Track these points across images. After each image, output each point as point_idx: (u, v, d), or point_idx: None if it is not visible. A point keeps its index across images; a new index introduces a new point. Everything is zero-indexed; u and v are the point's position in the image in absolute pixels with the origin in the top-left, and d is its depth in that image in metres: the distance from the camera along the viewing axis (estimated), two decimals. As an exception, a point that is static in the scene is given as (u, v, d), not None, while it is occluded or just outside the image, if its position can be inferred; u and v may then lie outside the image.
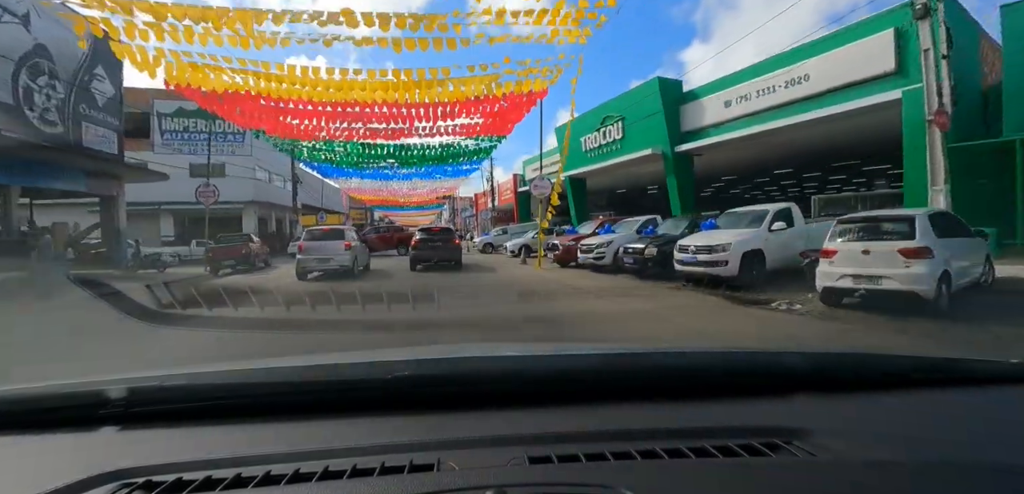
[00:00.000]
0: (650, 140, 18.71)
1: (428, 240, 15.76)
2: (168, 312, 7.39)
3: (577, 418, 0.90)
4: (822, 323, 6.27)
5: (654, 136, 18.63)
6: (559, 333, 5.80)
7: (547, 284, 11.19)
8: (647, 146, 18.72)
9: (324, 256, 13.38)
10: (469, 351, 1.37)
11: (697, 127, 17.82)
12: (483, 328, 6.32)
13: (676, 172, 18.21)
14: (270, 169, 31.07)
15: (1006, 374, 1.15)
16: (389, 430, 0.85)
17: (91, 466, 0.72)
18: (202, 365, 1.30)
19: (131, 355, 4.97)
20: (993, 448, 0.83)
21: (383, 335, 5.79)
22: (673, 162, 18.18)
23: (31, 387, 0.97)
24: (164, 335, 6.05)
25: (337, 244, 13.56)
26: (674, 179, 18.27)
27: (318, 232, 14.66)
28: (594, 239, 13.75)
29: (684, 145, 17.93)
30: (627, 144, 20.30)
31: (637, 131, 19.70)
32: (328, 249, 13.49)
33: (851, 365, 1.22)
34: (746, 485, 0.69)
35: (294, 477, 0.69)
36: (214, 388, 1.02)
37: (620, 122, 20.57)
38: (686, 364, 1.21)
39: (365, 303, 8.12)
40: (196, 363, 1.98)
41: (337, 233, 14.30)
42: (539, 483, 0.66)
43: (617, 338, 5.64)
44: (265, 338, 5.81)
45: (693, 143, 17.69)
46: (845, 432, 0.85)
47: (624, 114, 20.30)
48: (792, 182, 26.52)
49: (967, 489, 0.70)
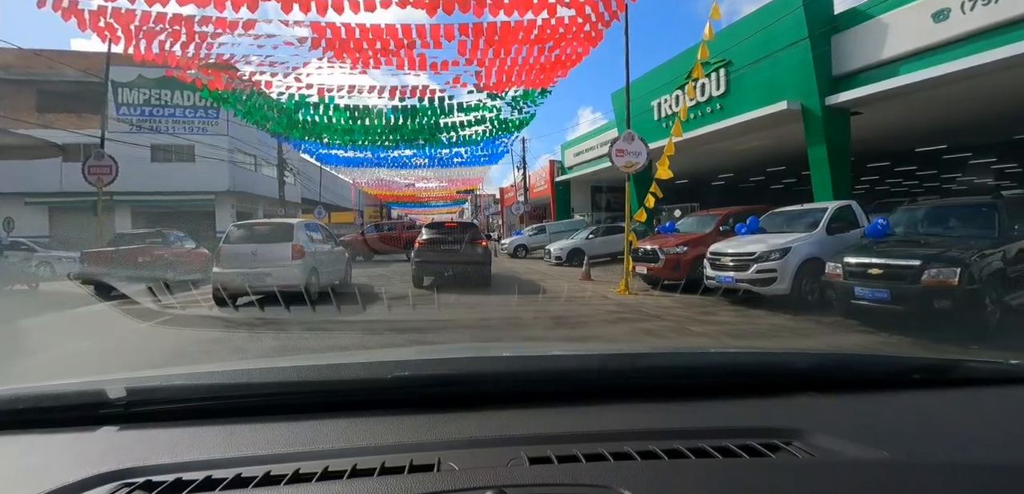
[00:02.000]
0: (778, 91, 12.23)
1: (440, 241, 9.74)
2: None
3: (576, 419, 0.89)
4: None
5: (787, 84, 12.15)
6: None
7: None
8: (771, 101, 12.26)
9: (255, 269, 7.90)
10: (469, 351, 1.53)
11: (863, 66, 11.26)
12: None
13: (827, 137, 11.64)
14: (257, 154, 25.51)
15: (1006, 375, 1.13)
16: (389, 430, 0.84)
17: (91, 466, 0.71)
18: (202, 365, 1.49)
19: None
20: (993, 449, 0.82)
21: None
22: (823, 122, 11.63)
23: (31, 387, 0.96)
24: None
25: (278, 250, 8.17)
26: (823, 148, 11.70)
27: (247, 230, 8.83)
28: (747, 243, 7.45)
29: (841, 94, 11.37)
30: (733, 102, 13.83)
31: (753, 81, 13.24)
32: (263, 258, 8.05)
33: (851, 366, 1.23)
34: (745, 486, 0.68)
35: (294, 477, 0.68)
36: (214, 388, 1.01)
37: (722, 70, 14.08)
38: (685, 364, 1.22)
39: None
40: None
41: (279, 232, 8.58)
42: (539, 483, 0.65)
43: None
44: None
45: (856, 91, 11.11)
46: (845, 433, 0.82)
47: (729, 58, 13.79)
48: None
49: (967, 490, 0.68)
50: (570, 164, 27.36)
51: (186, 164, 22.73)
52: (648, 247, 9.14)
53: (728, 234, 9.00)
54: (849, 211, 7.74)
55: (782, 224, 8.11)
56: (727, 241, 7.84)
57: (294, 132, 16.56)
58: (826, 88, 11.63)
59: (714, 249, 7.65)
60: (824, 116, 11.58)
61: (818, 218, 7.49)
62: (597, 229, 17.73)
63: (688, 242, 8.86)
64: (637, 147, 8.77)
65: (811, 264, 6.88)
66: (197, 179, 22.47)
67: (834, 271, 5.97)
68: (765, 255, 6.84)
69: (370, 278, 12.38)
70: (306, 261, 8.27)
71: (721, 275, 7.33)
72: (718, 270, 7.42)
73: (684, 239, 9.01)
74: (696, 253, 8.79)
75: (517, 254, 21.37)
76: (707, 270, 7.68)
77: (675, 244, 8.86)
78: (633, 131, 8.97)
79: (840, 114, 11.73)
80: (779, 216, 8.40)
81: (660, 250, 8.92)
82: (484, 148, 19.66)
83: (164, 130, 22.42)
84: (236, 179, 23.57)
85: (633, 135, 8.79)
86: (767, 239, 7.24)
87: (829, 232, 7.29)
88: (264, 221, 10.35)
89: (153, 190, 22.17)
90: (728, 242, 7.76)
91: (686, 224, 10.20)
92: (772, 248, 6.87)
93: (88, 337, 6.28)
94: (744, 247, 7.18)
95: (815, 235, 7.18)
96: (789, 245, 6.87)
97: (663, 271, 8.83)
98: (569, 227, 21.51)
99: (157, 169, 22.43)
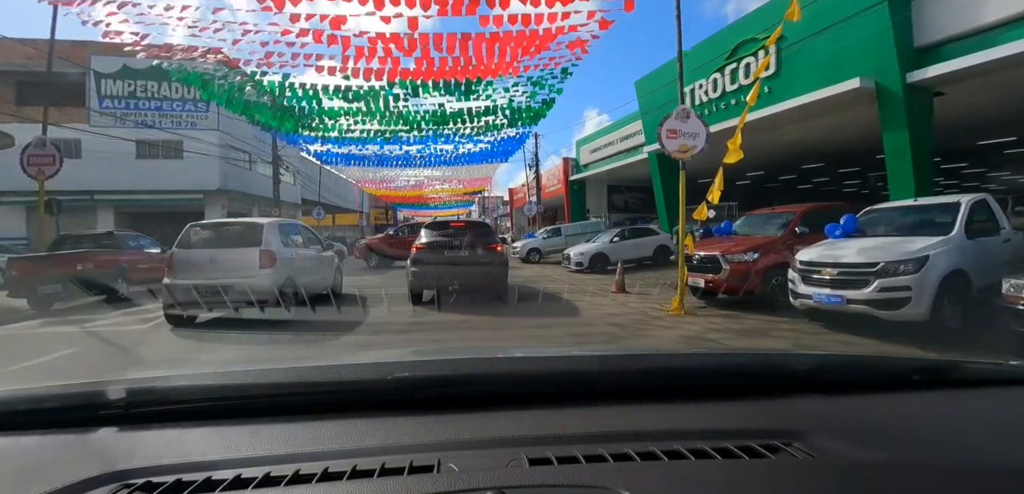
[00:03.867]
0: (845, 68, 10.35)
1: (444, 244, 7.88)
2: None
3: (576, 420, 0.88)
4: None
5: (856, 59, 10.25)
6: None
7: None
8: (836, 80, 10.39)
9: (213, 280, 6.34)
10: (469, 352, 1.45)
11: (951, 35, 9.36)
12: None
13: (909, 122, 9.72)
14: (251, 151, 23.90)
15: (1006, 376, 1.12)
16: (389, 431, 0.83)
17: (91, 466, 0.70)
18: (202, 366, 1.42)
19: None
20: (993, 450, 0.80)
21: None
22: (904, 103, 9.71)
23: (31, 387, 0.96)
24: None
25: (243, 255, 6.63)
26: (904, 135, 9.78)
27: (209, 231, 7.14)
28: (856, 250, 5.58)
29: (926, 70, 9.46)
30: (785, 84, 11.94)
31: (810, 58, 11.36)
32: (224, 265, 6.53)
33: (851, 367, 1.22)
34: (745, 486, 0.68)
35: (294, 478, 0.68)
36: (214, 389, 1.00)
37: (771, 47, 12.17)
38: (685, 365, 1.21)
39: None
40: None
41: (247, 234, 6.94)
42: (538, 484, 0.65)
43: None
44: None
45: (943, 66, 9.20)
46: (845, 434, 0.82)
47: (783, 33, 11.88)
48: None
49: (967, 491, 0.68)
50: (586, 161, 25.48)
51: (174, 161, 21.16)
52: (707, 254, 7.26)
53: (807, 238, 7.14)
54: (985, 208, 5.84)
55: (889, 225, 6.25)
56: (820, 247, 5.98)
57: (286, 123, 14.87)
58: (908, 62, 9.71)
59: (806, 258, 5.79)
60: (906, 96, 9.66)
61: (948, 218, 5.59)
62: (622, 231, 15.87)
63: (758, 247, 6.99)
64: (694, 126, 6.88)
65: (953, 278, 5.02)
66: (185, 177, 20.88)
67: (1015, 292, 4.10)
68: (892, 267, 4.96)
69: (374, 282, 10.69)
70: (278, 270, 6.74)
71: (820, 293, 5.46)
72: (814, 286, 5.55)
73: (753, 243, 7.13)
74: (769, 261, 6.93)
75: (530, 258, 19.55)
76: (796, 285, 5.82)
77: (742, 249, 6.99)
78: (688, 107, 7.08)
79: (922, 94, 9.82)
80: (883, 214, 6.52)
81: (723, 257, 7.04)
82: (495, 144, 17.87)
83: (151, 124, 20.86)
84: (228, 177, 21.96)
85: (689, 112, 6.92)
86: (889, 246, 5.37)
87: (968, 235, 5.40)
88: (229, 221, 8.69)
89: (138, 189, 20.62)
90: (823, 248, 5.90)
91: (748, 225, 8.32)
92: (902, 258, 4.99)
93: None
94: (857, 256, 5.32)
95: (952, 240, 5.28)
96: (925, 253, 4.98)
97: (727, 284, 6.96)
98: (586, 229, 19.63)
99: (143, 166, 20.87)
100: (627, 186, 26.33)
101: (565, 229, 20.68)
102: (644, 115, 17.88)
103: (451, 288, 7.36)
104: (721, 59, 13.54)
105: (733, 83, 13.33)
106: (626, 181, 25.47)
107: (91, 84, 20.62)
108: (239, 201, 23.44)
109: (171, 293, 6.37)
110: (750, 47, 12.73)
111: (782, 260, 6.99)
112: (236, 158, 22.59)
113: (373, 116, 13.81)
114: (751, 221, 8.46)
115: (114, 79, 20.78)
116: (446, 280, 7.41)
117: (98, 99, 20.52)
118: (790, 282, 5.98)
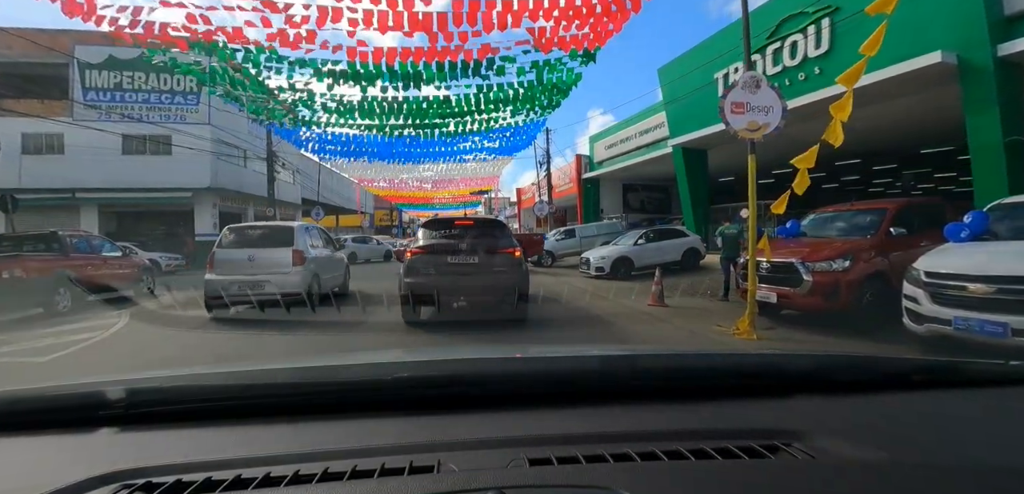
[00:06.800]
0: (918, 41, 8.86)
1: (447, 247, 6.33)
2: None
3: (577, 420, 0.87)
4: None
5: (932, 31, 8.76)
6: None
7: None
8: (907, 56, 8.91)
9: (251, 276, 7.12)
10: (469, 353, 1.45)
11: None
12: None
13: (1000, 102, 8.22)
14: (244, 146, 22.60)
15: (1006, 376, 1.10)
16: (389, 432, 0.82)
17: (91, 467, 0.70)
18: (202, 366, 1.42)
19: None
20: (993, 450, 0.79)
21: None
22: (996, 80, 8.21)
23: (31, 388, 0.94)
24: None
25: (278, 255, 7.38)
26: (994, 117, 8.26)
27: (244, 233, 7.91)
28: (1014, 259, 4.05)
29: (1020, 41, 7.97)
30: (839, 64, 10.42)
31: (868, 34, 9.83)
32: (261, 263, 7.28)
33: (851, 367, 1.19)
34: (745, 486, 0.67)
35: (294, 479, 0.67)
36: (214, 389, 0.99)
37: (823, 20, 10.69)
38: (685, 366, 1.19)
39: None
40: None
41: (279, 236, 7.76)
42: (539, 484, 0.65)
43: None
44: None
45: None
46: (845, 434, 0.80)
47: (837, 3, 10.39)
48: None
49: (967, 491, 0.67)
50: (600, 158, 24.01)
51: (162, 157, 19.89)
52: (781, 260, 5.77)
53: (904, 241, 5.67)
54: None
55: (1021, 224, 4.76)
56: (949, 254, 4.52)
57: (275, 111, 13.50)
58: (998, 32, 8.22)
59: (936, 268, 4.33)
60: (998, 70, 8.16)
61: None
62: (647, 232, 14.39)
63: (849, 252, 5.51)
64: (766, 98, 5.39)
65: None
66: (174, 174, 19.60)
67: None
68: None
69: (374, 284, 9.35)
70: (307, 267, 7.57)
71: (965, 317, 3.98)
72: (953, 307, 4.08)
73: (840, 248, 5.65)
74: (865, 271, 5.46)
75: (542, 262, 18.09)
76: (919, 304, 4.36)
77: (828, 256, 5.52)
78: (759, 74, 5.57)
79: (1013, 70, 8.32)
80: (1014, 211, 5.03)
81: (803, 265, 5.56)
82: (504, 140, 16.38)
83: (138, 118, 19.61)
84: (219, 174, 20.65)
85: (760, 79, 5.43)
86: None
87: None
88: (262, 223, 9.62)
89: (124, 186, 19.36)
90: (955, 256, 4.43)
91: (819, 225, 6.84)
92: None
93: None
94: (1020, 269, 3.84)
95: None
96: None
97: (808, 299, 5.49)
98: (603, 230, 18.12)
99: (129, 162, 19.61)
100: (644, 184, 24.87)
101: (580, 230, 19.17)
102: (668, 105, 16.42)
103: (456, 304, 5.92)
104: (762, 38, 12.05)
105: (776, 65, 11.84)
106: (643, 179, 24.01)
107: (74, 75, 19.39)
108: (231, 200, 22.15)
109: (214, 288, 7.00)
110: (796, 23, 11.24)
111: (877, 269, 5.53)
112: (229, 154, 21.28)
113: (372, 111, 12.40)
114: (821, 220, 6.98)
115: (99, 70, 19.54)
116: (448, 291, 5.95)
117: (82, 91, 19.28)
118: (908, 300, 4.52)
